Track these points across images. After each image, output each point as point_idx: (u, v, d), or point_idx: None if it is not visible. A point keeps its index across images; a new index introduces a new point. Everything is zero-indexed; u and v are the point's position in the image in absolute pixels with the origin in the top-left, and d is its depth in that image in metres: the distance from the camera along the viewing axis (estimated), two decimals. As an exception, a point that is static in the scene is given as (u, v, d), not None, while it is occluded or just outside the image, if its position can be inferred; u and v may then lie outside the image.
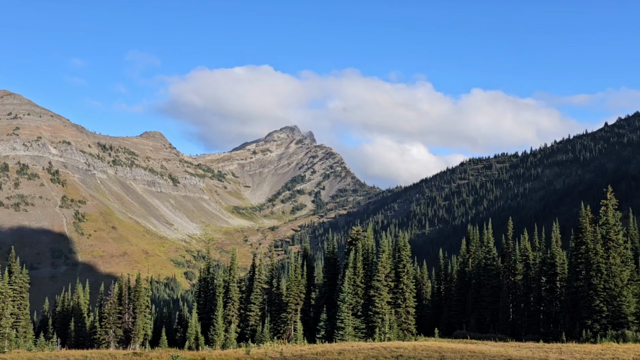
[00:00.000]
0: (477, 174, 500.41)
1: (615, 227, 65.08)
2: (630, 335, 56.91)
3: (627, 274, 62.85)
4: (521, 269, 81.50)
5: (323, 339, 70.15)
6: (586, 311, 62.47)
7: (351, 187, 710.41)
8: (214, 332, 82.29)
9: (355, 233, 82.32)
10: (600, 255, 63.22)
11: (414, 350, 40.68)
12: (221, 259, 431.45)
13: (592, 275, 62.84)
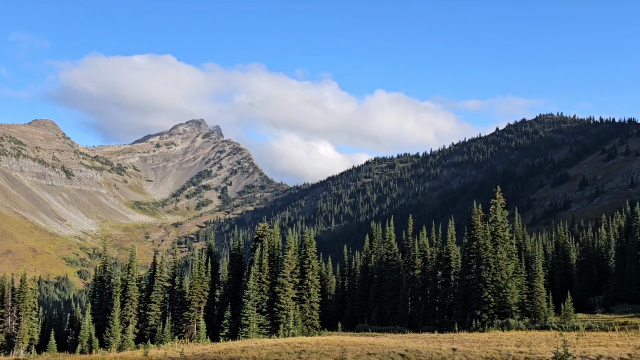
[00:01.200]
0: (381, 172, 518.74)
1: (502, 224, 70.37)
2: (514, 323, 61.89)
3: (512, 267, 68.24)
4: (420, 264, 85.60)
5: (227, 337, 69.00)
6: (476, 302, 66.96)
7: (259, 184, 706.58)
8: (109, 334, 77.91)
9: (261, 229, 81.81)
10: (490, 250, 68.05)
11: (316, 345, 41.16)
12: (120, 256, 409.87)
13: (482, 269, 67.46)
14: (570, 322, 61.07)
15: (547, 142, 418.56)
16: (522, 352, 33.16)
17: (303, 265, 77.66)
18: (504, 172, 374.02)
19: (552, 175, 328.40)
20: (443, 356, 33.38)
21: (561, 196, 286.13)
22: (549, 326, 59.99)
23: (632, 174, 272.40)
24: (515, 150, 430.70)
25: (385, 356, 34.12)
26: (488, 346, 38.14)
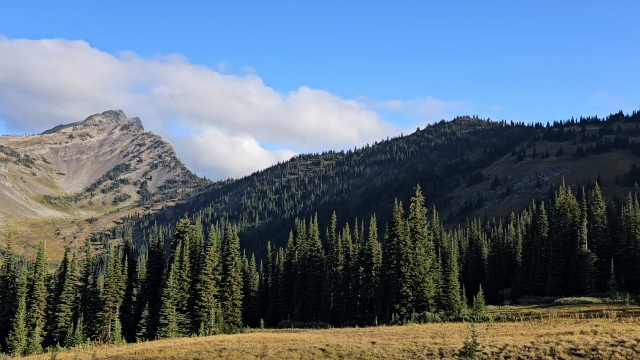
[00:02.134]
0: (306, 169, 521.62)
1: (421, 221, 73.04)
2: (430, 316, 64.48)
3: (429, 263, 71.03)
4: (342, 260, 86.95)
5: (144, 337, 66.36)
6: (395, 296, 69.06)
7: (181, 178, 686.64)
8: (13, 338, 72.39)
9: (182, 226, 79.43)
10: (409, 246, 70.40)
11: (238, 342, 40.57)
12: (26, 254, 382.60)
13: (401, 264, 69.66)
14: (481, 314, 64.52)
15: (464, 143, 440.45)
16: (437, 344, 34.53)
17: (226, 262, 76.34)
18: (424, 171, 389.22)
19: (468, 174, 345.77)
20: (362, 350, 34.03)
21: (475, 195, 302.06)
22: (462, 318, 63.05)
23: (538, 174, 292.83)
24: (435, 150, 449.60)
25: (306, 351, 34.24)
26: (405, 339, 39.37)
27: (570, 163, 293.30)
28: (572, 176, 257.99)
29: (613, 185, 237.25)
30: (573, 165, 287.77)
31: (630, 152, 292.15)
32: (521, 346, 31.01)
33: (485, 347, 31.74)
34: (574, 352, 28.97)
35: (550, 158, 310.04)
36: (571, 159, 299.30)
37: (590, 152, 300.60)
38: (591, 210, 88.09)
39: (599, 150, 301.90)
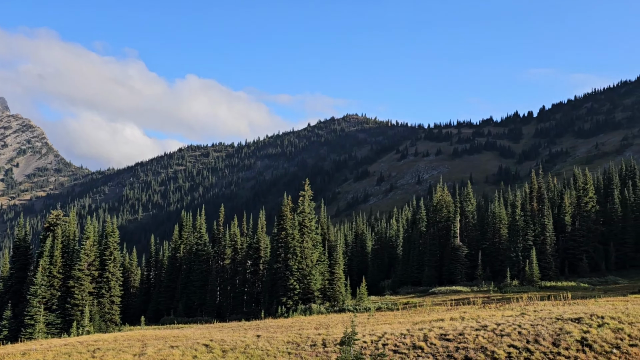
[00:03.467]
0: (194, 160, 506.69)
1: (310, 215, 74.21)
2: (316, 308, 65.83)
3: (316, 256, 72.44)
4: (230, 254, 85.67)
5: (6, 339, 60.14)
6: (282, 289, 69.53)
7: (54, 166, 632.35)
8: None
9: (54, 218, 73.08)
10: (297, 239, 71.20)
11: (114, 342, 38.21)
12: None
13: (289, 257, 70.26)
14: (364, 304, 67.20)
15: (352, 140, 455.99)
16: (320, 334, 35.26)
17: (103, 257, 71.63)
18: (314, 166, 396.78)
19: (355, 171, 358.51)
20: (247, 343, 33.73)
21: (362, 190, 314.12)
22: (346, 309, 65.18)
23: (419, 172, 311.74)
24: (325, 145, 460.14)
25: (188, 348, 33.16)
26: (290, 331, 39.73)
27: (447, 162, 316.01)
28: (448, 175, 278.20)
29: (483, 184, 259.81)
30: (450, 165, 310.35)
31: (498, 154, 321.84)
32: (398, 334, 32.68)
33: (365, 336, 33.01)
34: (444, 337, 31.16)
35: (430, 157, 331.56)
36: (448, 159, 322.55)
37: (465, 153, 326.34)
38: (464, 206, 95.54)
39: (472, 151, 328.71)
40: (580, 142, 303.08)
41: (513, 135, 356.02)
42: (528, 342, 28.95)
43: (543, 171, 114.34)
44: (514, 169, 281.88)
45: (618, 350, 26.92)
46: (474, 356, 28.30)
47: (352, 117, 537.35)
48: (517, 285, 71.28)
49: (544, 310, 37.71)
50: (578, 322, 31.11)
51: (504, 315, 36.65)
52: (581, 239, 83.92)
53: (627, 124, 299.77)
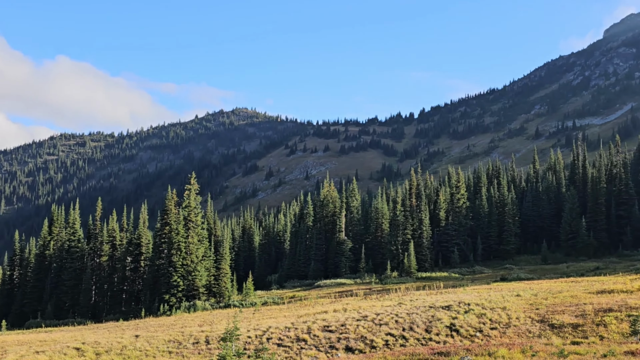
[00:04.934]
0: (68, 150, 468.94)
1: (195, 209, 72.10)
2: (200, 304, 64.18)
3: (202, 251, 70.62)
4: (107, 250, 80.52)
5: None
6: (165, 287, 66.84)
7: None
8: None
9: None
10: (182, 235, 68.85)
11: (-32, 351, 34.08)
12: None
13: (173, 253, 67.74)
14: (250, 299, 66.88)
15: (242, 134, 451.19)
16: (204, 331, 34.42)
17: (-44, 256, 63.57)
18: (202, 159, 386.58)
19: (244, 165, 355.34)
20: (124, 344, 31.89)
21: (250, 185, 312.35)
22: (231, 304, 64.39)
23: (307, 168, 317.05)
24: (213, 138, 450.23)
25: (56, 352, 30.53)
26: (172, 329, 38.31)
27: (335, 159, 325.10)
28: (335, 171, 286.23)
29: (368, 180, 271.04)
30: (337, 161, 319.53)
31: (382, 152, 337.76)
32: (283, 327, 32.93)
33: (250, 331, 32.82)
34: (327, 329, 31.98)
35: (318, 153, 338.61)
36: (335, 156, 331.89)
37: (351, 150, 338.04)
38: (349, 202, 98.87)
39: (358, 149, 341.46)
40: (455, 143, 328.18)
41: (396, 134, 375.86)
42: (404, 330, 30.66)
43: (422, 169, 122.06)
44: (396, 166, 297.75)
45: (480, 333, 29.49)
46: (354, 345, 29.36)
47: (241, 110, 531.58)
48: (397, 277, 75.37)
49: (419, 299, 40.21)
50: (448, 309, 33.59)
51: (383, 305, 38.48)
52: (453, 232, 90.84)
53: (495, 128, 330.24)
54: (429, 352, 19.79)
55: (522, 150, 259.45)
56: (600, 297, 33.95)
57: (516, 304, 34.01)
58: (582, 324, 28.49)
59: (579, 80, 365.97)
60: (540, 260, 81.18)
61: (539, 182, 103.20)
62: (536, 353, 17.49)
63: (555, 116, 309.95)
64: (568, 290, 38.69)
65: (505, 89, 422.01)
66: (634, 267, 57.93)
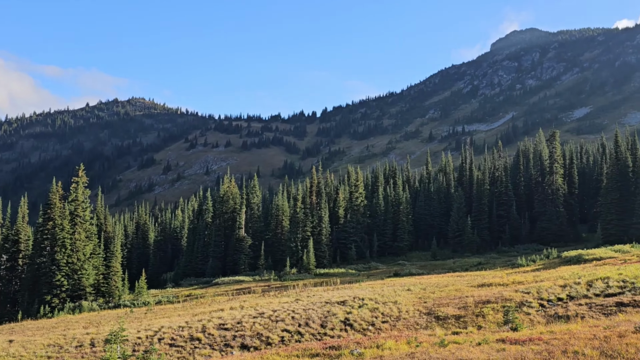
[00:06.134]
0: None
1: (83, 203, 67.40)
2: (87, 305, 60.13)
3: (89, 248, 66.20)
4: (-21, 247, 72.74)
5: None
6: (47, 287, 61.83)
7: None
8: None
9: None
10: (67, 230, 64.05)
11: None
12: None
13: (57, 250, 62.81)
14: (143, 299, 63.86)
15: (138, 125, 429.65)
16: (90, 334, 32.29)
17: None
18: (92, 150, 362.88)
19: (140, 158, 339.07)
20: (-5, 352, 28.97)
21: (147, 179, 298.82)
22: (122, 304, 61.08)
23: (207, 163, 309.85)
24: (106, 129, 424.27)
25: None
26: (54, 332, 35.51)
27: (236, 155, 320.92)
28: (237, 167, 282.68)
29: (269, 177, 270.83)
30: (238, 157, 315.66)
31: (285, 149, 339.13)
32: (176, 327, 31.81)
33: (141, 332, 31.30)
34: (222, 327, 31.40)
35: (219, 148, 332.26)
36: (237, 151, 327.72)
37: (253, 147, 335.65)
38: (250, 198, 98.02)
39: (260, 145, 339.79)
40: (355, 143, 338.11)
41: (298, 132, 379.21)
42: (300, 326, 30.94)
43: (323, 167, 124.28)
44: (298, 164, 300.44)
45: (373, 327, 30.59)
46: (250, 343, 29.10)
47: (138, 100, 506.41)
48: (295, 274, 76.04)
49: (316, 295, 40.84)
50: (343, 304, 34.45)
51: (280, 302, 38.58)
52: (351, 230, 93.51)
53: (392, 130, 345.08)
54: (321, 347, 20.11)
55: (417, 152, 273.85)
56: (480, 290, 36.67)
57: (407, 298, 35.71)
58: (463, 315, 30.58)
59: (469, 88, 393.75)
60: (430, 256, 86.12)
61: (431, 183, 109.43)
62: (420, 344, 18.44)
63: (447, 121, 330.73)
64: (453, 284, 41.36)
65: (403, 93, 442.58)
66: (511, 262, 63.36)
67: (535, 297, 31.46)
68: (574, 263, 52.52)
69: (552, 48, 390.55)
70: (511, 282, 38.89)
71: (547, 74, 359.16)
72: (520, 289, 33.84)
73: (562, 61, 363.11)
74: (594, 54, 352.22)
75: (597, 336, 16.27)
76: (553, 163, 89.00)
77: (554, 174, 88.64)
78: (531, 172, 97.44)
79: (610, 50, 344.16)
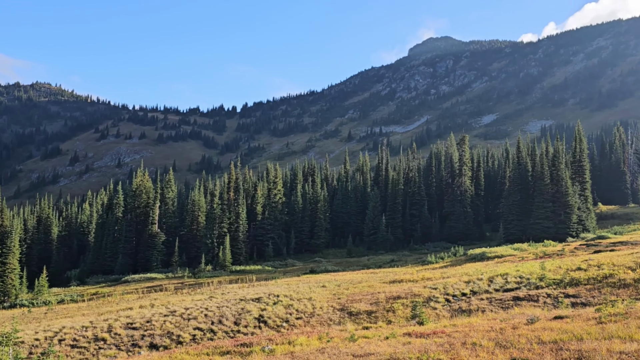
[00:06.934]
0: None
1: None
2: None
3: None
4: None
5: None
6: None
7: None
8: None
9: None
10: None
11: None
12: None
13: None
14: (43, 298, 59.81)
15: (42, 112, 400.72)
16: (-20, 337, 29.63)
17: None
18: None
19: (44, 147, 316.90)
20: None
21: (51, 170, 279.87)
22: (18, 304, 56.86)
23: (120, 155, 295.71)
24: (5, 114, 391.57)
25: None
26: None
27: (152, 147, 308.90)
28: (151, 160, 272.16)
29: (186, 171, 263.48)
30: (154, 150, 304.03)
31: (203, 143, 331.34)
32: (79, 327, 30.05)
33: (39, 333, 29.26)
34: (130, 326, 30.08)
35: (133, 140, 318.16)
36: (152, 144, 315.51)
37: (170, 140, 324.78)
38: (164, 193, 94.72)
39: (177, 138, 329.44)
40: (275, 140, 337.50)
41: (218, 127, 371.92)
42: (213, 324, 30.36)
43: (242, 163, 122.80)
44: (216, 159, 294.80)
45: (287, 323, 30.67)
46: (159, 342, 28.12)
47: (43, 85, 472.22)
48: (211, 271, 74.56)
49: (231, 292, 40.28)
50: (258, 301, 34.24)
51: (193, 299, 37.63)
52: (269, 227, 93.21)
53: (312, 128, 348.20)
54: (233, 344, 19.82)
55: (335, 151, 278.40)
56: (392, 287, 37.94)
57: (321, 295, 36.16)
58: (375, 310, 31.48)
59: (387, 91, 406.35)
60: (346, 253, 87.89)
61: (349, 182, 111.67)
62: (331, 339, 18.73)
63: (365, 122, 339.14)
64: (367, 281, 42.47)
65: (324, 92, 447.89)
66: (421, 259, 66.18)
67: (442, 292, 33.06)
68: (478, 260, 55.82)
69: (464, 57, 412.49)
70: (421, 279, 40.60)
71: (459, 81, 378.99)
72: (428, 285, 35.41)
73: (473, 70, 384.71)
74: (502, 65, 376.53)
75: (494, 328, 17.39)
76: (462, 166, 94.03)
77: (462, 176, 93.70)
78: (442, 173, 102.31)
79: (515, 62, 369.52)
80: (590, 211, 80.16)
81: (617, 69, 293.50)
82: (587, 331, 15.10)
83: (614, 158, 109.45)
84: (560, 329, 15.90)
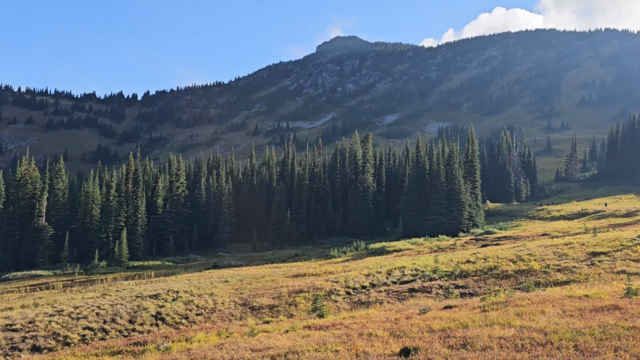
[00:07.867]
0: None
1: None
2: None
3: None
4: None
5: None
6: None
7: None
8: None
9: None
10: None
11: None
12: None
13: None
14: None
15: None
16: None
17: None
18: None
19: None
20: None
21: None
22: None
23: (2, 141, 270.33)
24: None
25: None
26: None
27: (40, 134, 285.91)
28: (39, 147, 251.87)
29: (80, 161, 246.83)
30: (42, 137, 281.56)
31: (99, 131, 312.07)
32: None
33: None
34: (9, 328, 27.49)
35: (18, 125, 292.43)
36: (41, 130, 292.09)
37: (62, 126, 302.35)
38: (54, 183, 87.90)
39: (70, 125, 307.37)
40: (179, 131, 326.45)
41: (116, 115, 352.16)
42: (105, 322, 28.61)
43: (142, 154, 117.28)
44: (114, 149, 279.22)
45: (186, 320, 29.69)
46: (43, 344, 25.96)
47: None
48: (105, 267, 70.44)
49: (127, 289, 38.25)
50: (156, 298, 32.81)
51: (84, 297, 35.24)
52: (170, 220, 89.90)
53: (218, 120, 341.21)
54: (125, 344, 18.75)
55: (242, 145, 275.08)
56: (295, 280, 38.12)
57: (223, 290, 35.44)
58: (277, 304, 31.43)
59: (295, 86, 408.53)
60: (251, 248, 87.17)
61: (254, 176, 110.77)
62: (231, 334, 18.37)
63: (273, 116, 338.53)
64: (270, 275, 42.32)
65: (230, 84, 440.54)
66: (325, 254, 67.30)
67: (343, 285, 33.77)
68: (378, 254, 57.86)
69: (370, 57, 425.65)
70: (323, 272, 41.22)
71: (365, 80, 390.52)
72: (330, 279, 36.02)
73: (378, 70, 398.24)
74: (404, 67, 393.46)
75: (390, 319, 18.03)
76: (365, 163, 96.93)
77: (365, 172, 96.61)
78: (347, 170, 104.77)
79: (417, 65, 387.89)
80: (480, 208, 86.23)
81: (505, 78, 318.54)
82: (472, 319, 16.10)
83: (501, 159, 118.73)
84: (449, 318, 16.83)
